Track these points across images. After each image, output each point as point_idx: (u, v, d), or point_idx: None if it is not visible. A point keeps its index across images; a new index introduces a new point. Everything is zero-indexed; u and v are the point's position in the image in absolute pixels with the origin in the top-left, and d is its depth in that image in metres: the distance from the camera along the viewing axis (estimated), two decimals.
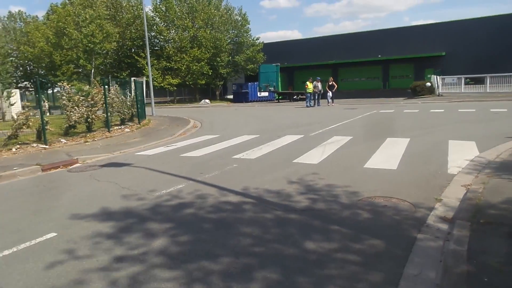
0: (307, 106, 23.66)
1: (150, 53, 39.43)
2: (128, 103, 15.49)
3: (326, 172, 6.21)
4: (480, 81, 29.72)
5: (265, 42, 53.63)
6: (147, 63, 23.73)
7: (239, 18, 45.18)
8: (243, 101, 41.66)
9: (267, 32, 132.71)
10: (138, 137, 12.21)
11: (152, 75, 37.78)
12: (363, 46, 49.98)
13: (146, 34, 21.69)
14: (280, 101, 40.52)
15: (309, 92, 23.73)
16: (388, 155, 7.36)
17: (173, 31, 40.54)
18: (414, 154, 7.38)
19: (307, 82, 23.92)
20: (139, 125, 15.12)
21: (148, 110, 20.89)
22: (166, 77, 38.55)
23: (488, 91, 27.81)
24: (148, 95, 23.12)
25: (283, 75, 48.27)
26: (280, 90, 42.24)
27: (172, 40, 39.89)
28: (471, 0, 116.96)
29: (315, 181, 5.69)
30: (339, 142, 9.11)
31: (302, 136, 10.43)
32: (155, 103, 24.39)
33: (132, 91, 17.20)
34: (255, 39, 46.10)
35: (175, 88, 39.99)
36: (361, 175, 5.96)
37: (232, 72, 45.51)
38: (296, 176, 6.02)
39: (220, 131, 13.11)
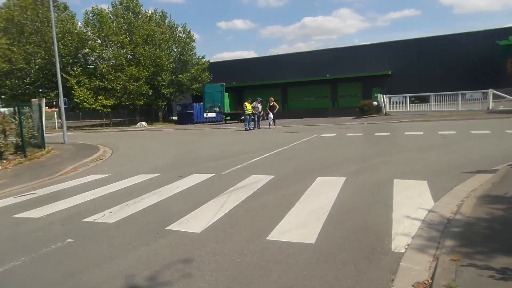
0: (246, 129, 21.42)
1: (81, 72, 36.39)
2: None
3: (203, 256, 3.78)
4: (425, 100, 29.31)
5: (213, 61, 52.02)
6: (74, 81, 20.59)
7: (183, 36, 42.81)
8: (188, 123, 39.00)
9: (224, 52, 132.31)
10: (4, 178, 9.19)
11: (82, 96, 34.33)
12: (312, 66, 49.35)
13: (55, 43, 18.45)
14: (227, 122, 38.31)
15: (248, 114, 21.52)
16: (311, 210, 5.08)
17: (109, 47, 37.32)
18: (347, 208, 5.17)
19: (245, 103, 21.79)
20: (25, 158, 12.00)
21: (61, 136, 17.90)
22: (99, 97, 34.98)
23: (433, 109, 27.32)
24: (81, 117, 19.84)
25: (232, 95, 46.27)
26: (226, 111, 40.06)
27: (107, 58, 36.59)
28: (414, 25, 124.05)
29: (173, 284, 3.22)
30: (253, 186, 6.75)
31: (212, 175, 7.99)
32: (85, 126, 21.21)
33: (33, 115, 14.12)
34: (200, 57, 43.82)
35: (109, 109, 36.38)
36: (256, 262, 3.58)
37: (176, 92, 42.77)
38: (148, 270, 3.52)
39: (119, 166, 10.43)
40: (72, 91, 33.77)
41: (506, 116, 19.64)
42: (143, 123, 36.63)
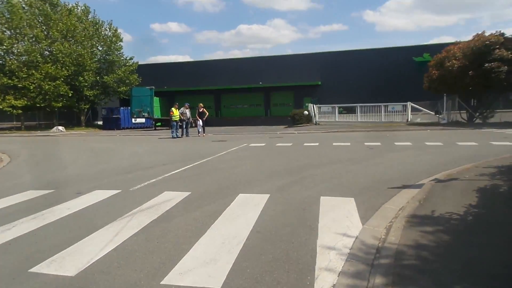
0: (172, 137, 20.11)
1: None
2: None
3: None
4: (352, 111, 30.40)
5: (143, 63, 49.54)
6: None
7: (109, 34, 40.00)
8: (114, 128, 36.30)
9: (158, 56, 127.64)
10: None
11: None
12: (246, 73, 49.25)
13: None
14: (157, 128, 36.34)
15: (175, 120, 20.23)
16: (224, 239, 4.25)
17: (21, 41, 33.45)
18: (266, 235, 4.42)
19: (172, 109, 20.47)
20: None
21: None
22: (7, 97, 31.05)
23: (359, 120, 28.38)
24: None
25: (163, 100, 44.20)
26: (156, 116, 38.03)
27: (18, 53, 32.73)
28: (342, 38, 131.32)
29: None
30: (162, 206, 5.76)
31: (117, 192, 6.83)
32: None
33: None
34: (128, 58, 41.24)
35: (20, 111, 32.50)
36: None
37: (100, 94, 39.73)
38: None
39: (10, 179, 8.73)
40: None
41: (423, 128, 20.84)
42: (60, 128, 33.25)
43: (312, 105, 31.84)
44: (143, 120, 38.19)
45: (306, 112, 31.68)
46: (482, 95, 22.77)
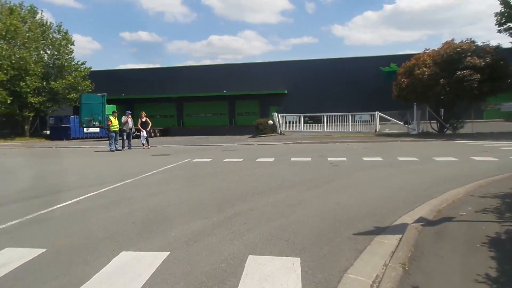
0: (110, 150, 17.28)
1: None
2: None
3: None
4: (318, 120, 28.71)
5: (100, 69, 46.29)
6: None
7: (59, 37, 36.60)
8: (63, 138, 32.81)
9: (128, 64, 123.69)
10: None
11: None
12: (209, 80, 46.82)
13: None
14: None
15: (114, 131, 17.43)
16: None
17: None
18: None
19: (111, 117, 17.65)
20: None
21: None
22: None
23: (325, 130, 26.67)
24: None
25: (121, 108, 40.88)
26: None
27: None
28: (312, 51, 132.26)
29: None
30: None
31: None
32: None
33: None
34: (79, 63, 37.86)
35: None
36: None
37: (47, 101, 36.10)
38: None
39: None
40: None
41: (392, 140, 19.21)
42: None
43: (277, 114, 29.87)
44: (97, 129, 34.91)
45: (270, 122, 29.66)
46: (453, 105, 21.53)
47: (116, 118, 17.64)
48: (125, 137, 18.25)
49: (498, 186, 6.60)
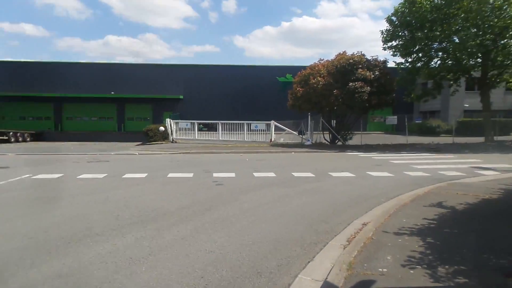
0: None
1: None
2: None
3: None
4: (213, 128, 26.90)
5: None
6: None
7: None
8: None
9: (7, 57, 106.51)
10: None
11: None
12: (95, 80, 41.48)
13: None
14: None
15: None
16: None
17: None
18: None
19: None
20: None
21: None
22: None
23: (220, 138, 24.96)
24: None
25: None
26: None
27: None
28: (214, 59, 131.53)
29: None
30: None
31: None
32: None
33: None
34: None
35: None
36: None
37: None
38: None
39: None
40: None
41: (288, 150, 18.29)
42: None
43: (170, 120, 27.17)
44: None
45: (162, 128, 26.84)
46: (344, 116, 21.70)
47: None
48: None
49: (408, 214, 5.37)
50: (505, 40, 20.51)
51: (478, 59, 21.39)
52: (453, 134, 24.40)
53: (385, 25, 20.77)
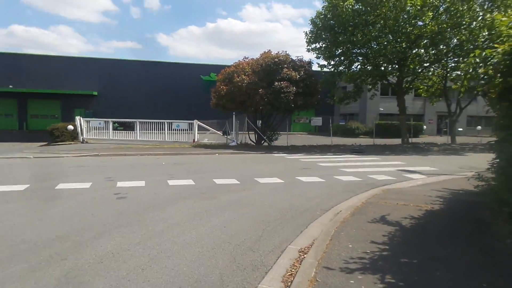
0: None
1: None
2: None
3: None
4: (130, 127, 24.46)
5: None
6: None
7: None
8: None
9: None
10: None
11: None
12: None
13: None
14: None
15: None
16: None
17: None
18: None
19: None
20: None
21: None
22: None
23: (138, 138, 22.74)
24: None
25: None
26: None
27: None
28: (137, 56, 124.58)
29: None
30: None
31: None
32: None
33: None
34: None
35: None
36: None
37: None
38: None
39: None
40: None
41: (211, 152, 16.96)
42: None
43: (79, 118, 24.05)
44: None
45: (70, 127, 23.64)
46: (270, 116, 21.02)
47: None
48: None
49: (352, 235, 4.42)
50: (416, 50, 21.63)
51: (395, 65, 22.27)
52: (374, 136, 25.23)
53: (309, 27, 20.59)
